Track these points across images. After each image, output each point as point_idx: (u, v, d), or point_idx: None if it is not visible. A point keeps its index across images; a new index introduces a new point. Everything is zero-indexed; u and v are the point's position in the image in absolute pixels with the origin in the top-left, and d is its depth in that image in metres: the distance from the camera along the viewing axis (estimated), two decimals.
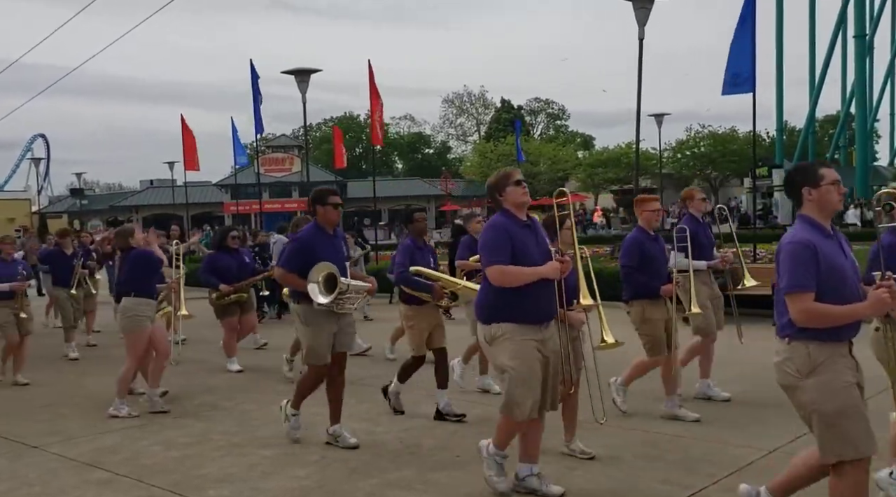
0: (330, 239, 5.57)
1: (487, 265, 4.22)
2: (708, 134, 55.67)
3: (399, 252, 6.59)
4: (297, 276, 5.43)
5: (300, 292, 5.46)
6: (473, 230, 7.37)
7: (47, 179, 69.54)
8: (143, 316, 6.79)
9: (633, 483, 4.71)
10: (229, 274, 8.91)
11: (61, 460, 5.53)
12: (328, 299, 5.27)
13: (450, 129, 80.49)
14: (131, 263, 6.93)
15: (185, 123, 27.21)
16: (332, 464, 5.27)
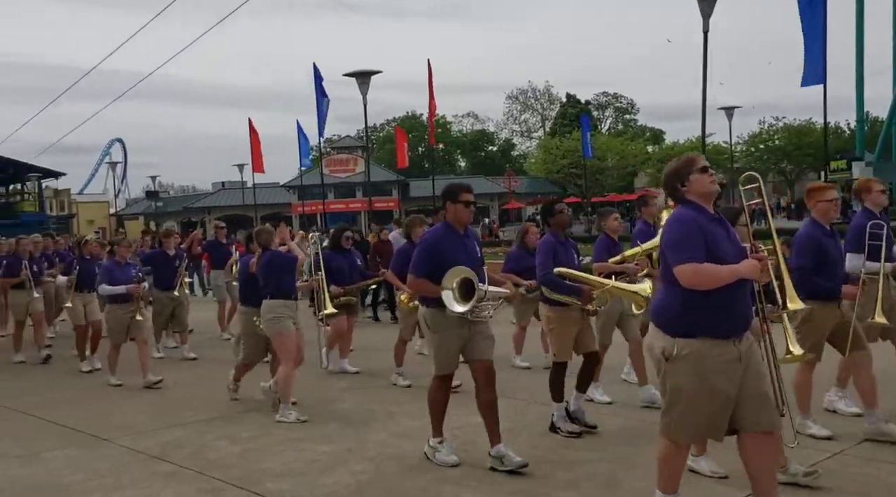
0: (461, 239, 5.09)
1: (677, 263, 3.59)
2: (783, 126, 53.92)
3: (540, 250, 5.85)
4: (427, 281, 5.00)
5: (429, 296, 5.04)
6: (609, 228, 6.67)
7: (124, 182, 72.51)
8: (283, 316, 6.57)
9: (687, 478, 4.59)
10: (341, 275, 8.43)
11: (131, 453, 5.76)
12: (465, 307, 4.83)
13: (514, 126, 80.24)
14: (267, 264, 6.66)
15: (253, 126, 27.95)
16: (387, 460, 5.33)
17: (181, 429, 6.38)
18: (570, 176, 56.02)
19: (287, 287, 6.69)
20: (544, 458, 5.17)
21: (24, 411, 7.27)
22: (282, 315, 6.57)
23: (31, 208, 47.72)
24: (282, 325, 6.55)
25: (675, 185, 3.84)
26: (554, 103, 76.27)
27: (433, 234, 5.21)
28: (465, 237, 5.12)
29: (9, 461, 5.66)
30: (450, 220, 5.12)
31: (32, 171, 46.90)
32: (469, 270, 4.83)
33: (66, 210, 55.16)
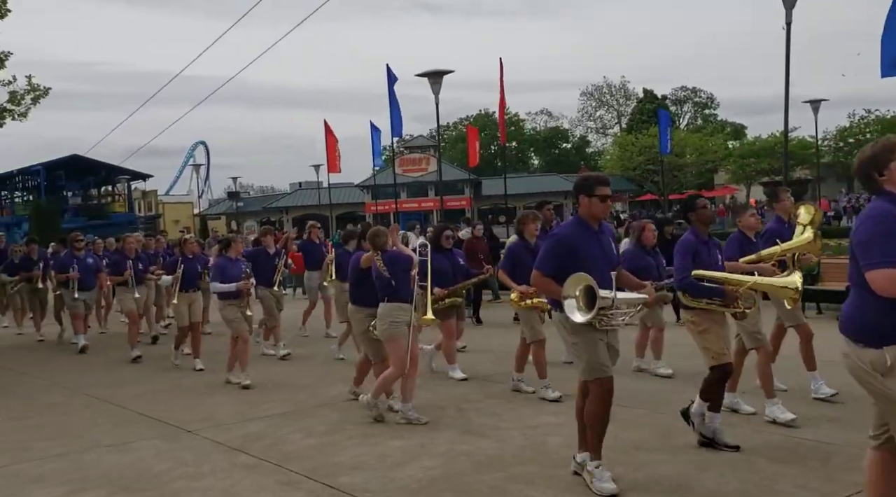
0: (595, 235, 4.67)
1: (869, 268, 3.12)
2: (874, 119, 51.41)
3: (679, 251, 5.34)
4: (553, 281, 4.55)
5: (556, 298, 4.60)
6: (745, 225, 6.17)
7: (207, 183, 74.97)
8: (399, 321, 6.28)
9: (767, 486, 4.50)
10: (444, 276, 8.00)
11: (212, 444, 6.00)
12: (587, 317, 4.43)
13: (588, 122, 79.21)
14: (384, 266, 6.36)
15: (329, 127, 28.49)
16: (458, 457, 5.39)
17: (259, 422, 6.61)
18: (646, 173, 54.89)
19: (404, 290, 6.34)
20: (616, 460, 5.13)
21: (113, 403, 7.67)
22: (399, 320, 6.26)
23: (121, 209, 50.07)
24: (398, 330, 6.26)
25: (870, 173, 3.31)
26: (630, 99, 74.93)
27: (565, 229, 4.75)
28: (599, 233, 4.70)
29: (100, 450, 5.98)
30: (582, 215, 4.69)
31: (122, 174, 49.17)
32: (590, 278, 4.38)
33: (153, 210, 57.53)
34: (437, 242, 8.26)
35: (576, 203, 4.75)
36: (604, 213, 4.69)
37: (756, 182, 54.75)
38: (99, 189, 52.51)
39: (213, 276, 8.33)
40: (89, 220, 43.52)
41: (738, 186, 56.22)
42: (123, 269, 10.64)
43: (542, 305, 6.88)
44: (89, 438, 6.32)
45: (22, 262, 12.92)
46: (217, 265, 8.36)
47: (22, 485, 5.22)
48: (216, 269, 8.32)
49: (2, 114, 14.31)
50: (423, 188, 56.81)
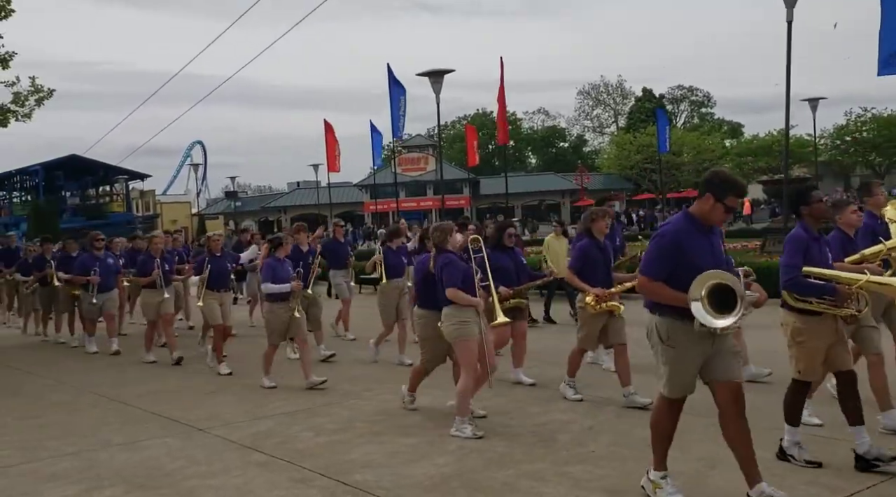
0: (706, 237, 4.18)
1: None
2: (871, 117, 51.59)
3: (788, 247, 4.90)
4: (664, 285, 4.11)
5: (663, 304, 4.17)
6: (846, 222, 5.62)
7: (205, 183, 74.89)
8: (468, 321, 5.97)
9: (777, 483, 4.53)
10: (507, 276, 7.57)
11: (224, 443, 6.03)
12: (729, 321, 3.89)
13: (585, 121, 79.41)
14: (442, 267, 6.02)
15: (329, 127, 28.51)
16: (469, 454, 5.43)
17: (268, 421, 6.64)
18: (644, 171, 55.03)
19: (472, 291, 6.04)
20: (629, 456, 5.17)
21: (121, 401, 7.69)
22: (467, 320, 5.97)
23: (120, 209, 50.05)
24: (467, 329, 5.96)
25: None
26: (627, 98, 75.09)
27: (675, 226, 4.21)
28: (710, 234, 4.22)
29: (112, 448, 6.01)
30: (695, 213, 4.19)
31: (120, 174, 49.11)
32: (724, 274, 3.93)
33: (150, 210, 57.50)
34: (498, 240, 7.71)
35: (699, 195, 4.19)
36: (721, 222, 4.26)
37: (753, 180, 54.90)
38: (97, 189, 52.47)
39: (264, 276, 7.97)
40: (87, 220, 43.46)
41: None
42: (151, 270, 9.97)
43: (616, 308, 6.75)
44: (100, 437, 6.35)
45: (36, 261, 12.66)
46: (267, 265, 7.98)
47: (37, 483, 5.24)
48: (267, 269, 7.94)
49: (5, 114, 14.32)
50: (422, 187, 56.90)
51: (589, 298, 6.74)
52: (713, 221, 4.19)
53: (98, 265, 10.76)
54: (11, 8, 13.39)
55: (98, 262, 10.80)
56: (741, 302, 3.83)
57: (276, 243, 8.18)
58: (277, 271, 7.90)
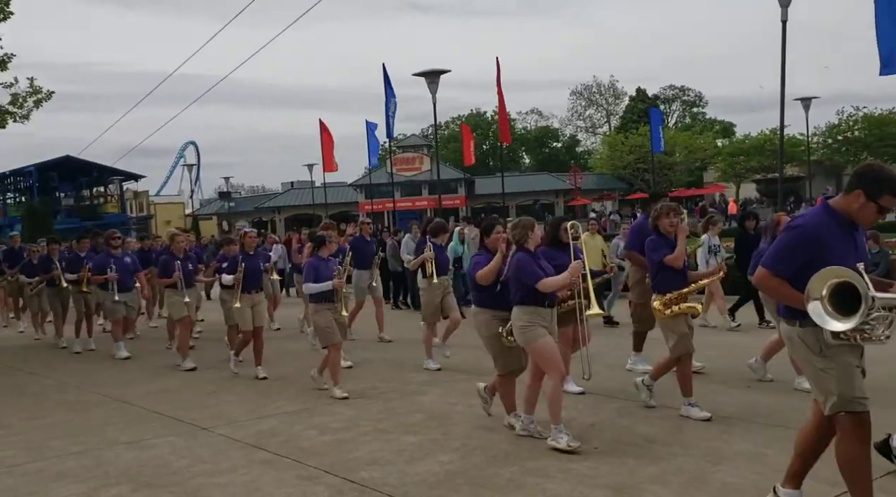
0: (850, 233, 3.75)
1: None
2: (863, 117, 51.89)
3: None
4: (785, 283, 3.71)
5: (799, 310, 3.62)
6: None
7: (198, 184, 74.70)
8: (535, 324, 5.59)
9: (779, 479, 4.60)
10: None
11: (229, 441, 6.07)
12: (849, 324, 3.43)
13: (578, 122, 79.60)
14: (515, 267, 5.66)
15: (325, 126, 28.53)
16: (473, 451, 5.48)
17: (272, 420, 6.68)
18: (636, 171, 55.22)
19: (537, 293, 5.61)
20: (631, 453, 5.24)
21: (125, 401, 7.71)
22: (534, 323, 5.59)
23: (114, 210, 49.87)
24: (534, 333, 5.56)
25: None
26: (619, 98, 75.32)
27: (813, 218, 3.77)
28: (853, 230, 3.78)
29: (118, 447, 6.04)
30: (840, 207, 3.74)
31: (115, 175, 48.96)
32: (847, 271, 3.43)
33: (144, 211, 57.35)
34: (554, 236, 6.94)
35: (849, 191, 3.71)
36: (870, 223, 3.85)
37: (746, 180, 55.14)
38: (91, 190, 52.31)
39: (306, 276, 7.57)
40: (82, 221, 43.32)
41: (728, 184, 56.58)
42: (172, 271, 9.52)
43: (694, 310, 6.24)
44: (105, 436, 6.38)
45: (41, 262, 12.23)
46: (310, 265, 7.59)
47: (45, 482, 5.27)
48: (309, 268, 7.56)
49: (3, 116, 14.30)
50: (417, 187, 56.97)
51: (657, 303, 6.20)
52: (861, 221, 3.75)
53: (114, 263, 10.47)
54: (10, 10, 13.38)
55: (114, 261, 10.50)
56: (865, 302, 3.34)
57: (319, 241, 7.74)
58: (321, 270, 7.52)
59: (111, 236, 10.86)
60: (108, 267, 10.45)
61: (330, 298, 7.57)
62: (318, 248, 7.72)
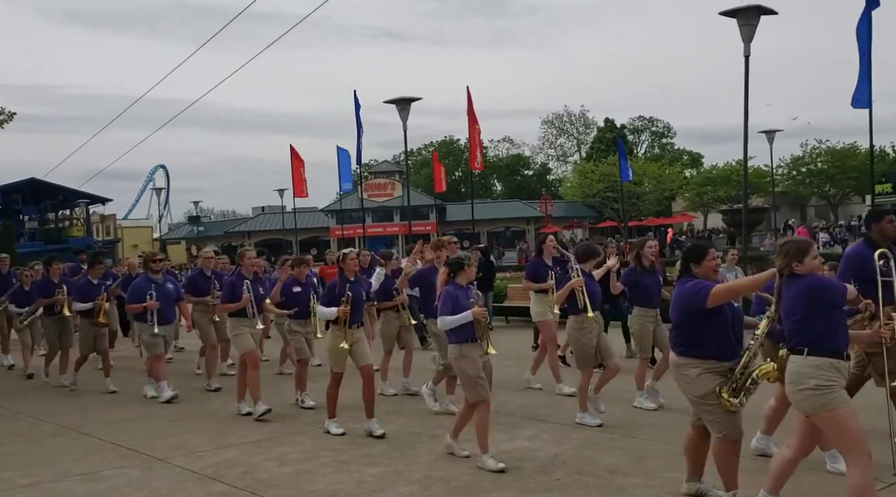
0: None
1: None
2: (826, 150, 53.20)
3: None
4: None
5: None
6: None
7: (167, 207, 74.00)
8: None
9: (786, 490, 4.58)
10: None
11: (186, 473, 5.94)
12: None
13: (549, 150, 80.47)
14: None
15: (295, 152, 28.48)
16: (435, 483, 5.42)
17: (232, 450, 6.55)
18: (606, 200, 55.86)
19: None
20: (593, 484, 5.21)
21: (82, 432, 7.51)
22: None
23: (79, 233, 49.09)
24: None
25: None
26: (590, 127, 76.35)
27: None
28: None
29: (70, 480, 5.87)
30: None
31: (81, 198, 48.29)
32: None
33: (111, 235, 56.56)
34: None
35: None
36: None
37: (713, 210, 56.01)
38: (56, 213, 51.53)
39: (443, 308, 5.94)
40: (46, 244, 42.60)
41: (696, 214, 57.41)
42: (241, 294, 8.10)
43: None
44: (58, 468, 6.19)
45: (39, 287, 10.57)
46: (447, 294, 6.00)
47: None
48: (447, 299, 5.97)
49: None
50: (389, 213, 56.99)
51: None
52: None
53: (155, 290, 8.88)
54: None
55: (155, 287, 8.92)
56: None
57: (456, 267, 6.12)
58: (460, 300, 5.96)
59: (151, 258, 9.30)
60: (147, 293, 8.85)
61: (472, 335, 5.92)
62: (455, 275, 6.10)
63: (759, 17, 14.28)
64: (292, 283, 8.28)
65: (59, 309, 10.19)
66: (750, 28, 14.27)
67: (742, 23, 14.26)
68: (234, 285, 8.18)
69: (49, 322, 10.38)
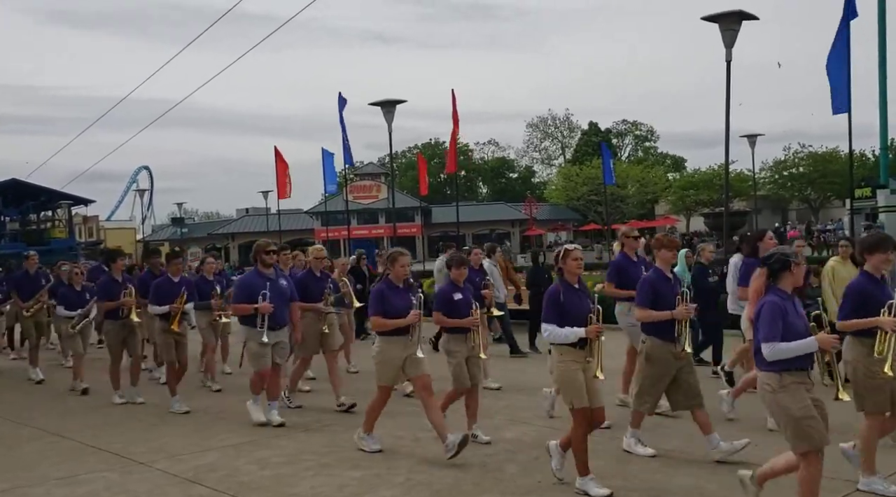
0: None
1: None
2: (807, 154, 53.76)
3: None
4: None
5: None
6: None
7: (150, 209, 73.49)
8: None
9: None
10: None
11: (166, 476, 5.91)
12: None
13: (534, 153, 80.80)
14: None
15: (279, 153, 28.38)
16: (416, 486, 5.43)
17: (213, 453, 6.53)
18: (590, 203, 56.14)
19: None
20: (573, 486, 5.24)
21: (62, 435, 7.45)
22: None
23: (62, 235, 48.61)
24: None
25: None
26: (574, 131, 76.71)
27: None
28: None
29: (48, 484, 5.83)
30: None
31: (64, 199, 47.86)
32: None
33: (94, 236, 56.11)
34: None
35: None
36: None
37: (695, 213, 56.42)
38: (38, 214, 51.04)
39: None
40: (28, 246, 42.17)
41: (679, 217, 57.81)
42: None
43: None
44: (37, 472, 6.15)
45: (103, 288, 9.06)
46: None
47: None
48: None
49: None
50: (374, 215, 56.95)
51: None
52: None
53: (269, 288, 7.36)
54: None
55: (269, 284, 7.37)
56: None
57: None
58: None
59: (263, 249, 7.47)
60: (260, 293, 7.29)
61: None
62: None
63: (741, 22, 14.39)
64: (451, 290, 6.63)
65: (127, 313, 8.83)
66: (731, 33, 14.37)
67: (724, 28, 14.36)
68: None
69: (112, 328, 8.89)
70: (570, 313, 5.06)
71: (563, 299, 5.08)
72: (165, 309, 8.45)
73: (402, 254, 6.30)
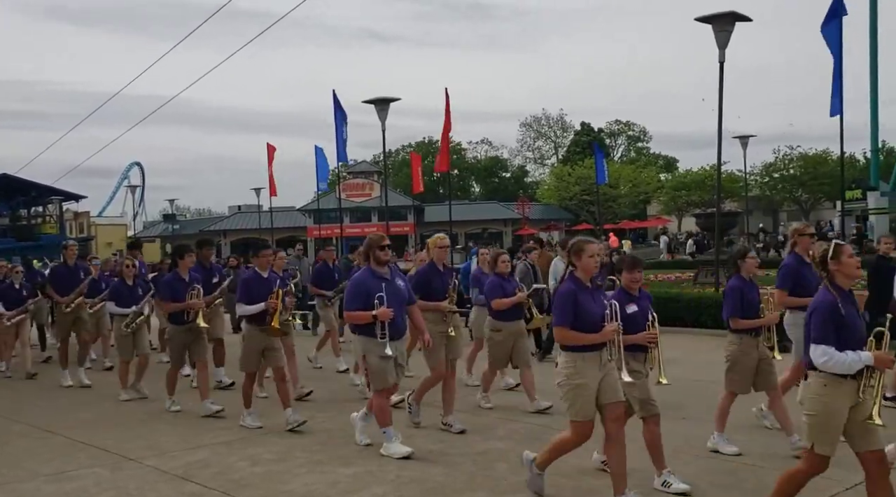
0: None
1: None
2: (798, 155, 53.98)
3: None
4: None
5: None
6: None
7: (142, 205, 73.17)
8: None
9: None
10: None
11: (157, 473, 5.90)
12: None
13: (527, 153, 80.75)
14: None
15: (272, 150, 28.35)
16: (408, 483, 5.44)
17: (204, 450, 6.52)
18: (582, 203, 56.23)
19: None
20: (565, 485, 5.25)
21: (52, 431, 7.43)
22: None
23: (52, 230, 48.36)
24: None
25: None
26: (567, 131, 76.76)
27: None
28: None
29: (38, 479, 5.82)
30: None
31: (54, 194, 47.59)
32: None
33: (85, 232, 55.84)
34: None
35: None
36: None
37: (687, 214, 56.57)
38: (29, 209, 50.75)
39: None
40: (18, 241, 41.95)
41: (671, 217, 57.96)
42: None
43: None
44: (26, 468, 6.13)
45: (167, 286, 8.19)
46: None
47: None
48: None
49: None
50: (367, 213, 56.85)
51: None
52: None
53: (385, 289, 6.15)
54: None
55: (385, 286, 6.18)
56: None
57: None
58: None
59: (379, 244, 6.27)
60: (376, 296, 6.09)
61: None
62: None
63: (734, 23, 14.45)
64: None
65: (193, 316, 8.01)
66: (725, 34, 14.43)
67: (717, 29, 14.42)
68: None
69: (177, 332, 8.12)
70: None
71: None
72: (260, 307, 7.16)
73: (588, 242, 4.91)
